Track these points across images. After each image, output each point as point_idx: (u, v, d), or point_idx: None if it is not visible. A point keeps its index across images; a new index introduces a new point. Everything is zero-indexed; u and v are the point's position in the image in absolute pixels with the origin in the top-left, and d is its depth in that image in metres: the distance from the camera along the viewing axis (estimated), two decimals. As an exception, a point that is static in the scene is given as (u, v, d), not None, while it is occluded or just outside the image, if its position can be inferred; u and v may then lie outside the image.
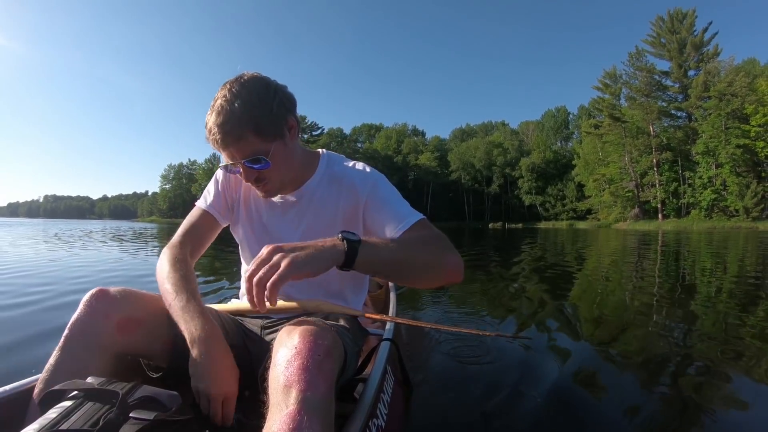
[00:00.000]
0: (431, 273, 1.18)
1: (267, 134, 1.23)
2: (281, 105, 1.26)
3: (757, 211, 44.50)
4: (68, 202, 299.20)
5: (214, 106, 1.19)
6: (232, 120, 1.17)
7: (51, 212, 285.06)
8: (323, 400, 0.91)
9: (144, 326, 1.18)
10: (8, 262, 7.72)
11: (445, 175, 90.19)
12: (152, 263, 8.77)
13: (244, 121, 1.18)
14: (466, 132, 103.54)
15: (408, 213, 1.32)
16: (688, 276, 7.28)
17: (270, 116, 1.22)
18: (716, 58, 54.02)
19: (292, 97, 1.31)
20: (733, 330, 3.52)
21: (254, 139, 1.20)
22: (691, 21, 56.13)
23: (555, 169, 79.79)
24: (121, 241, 15.44)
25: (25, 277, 5.74)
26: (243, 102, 1.17)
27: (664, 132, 57.29)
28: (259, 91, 1.22)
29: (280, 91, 1.27)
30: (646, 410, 2.03)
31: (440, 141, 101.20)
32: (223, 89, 1.21)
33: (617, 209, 60.34)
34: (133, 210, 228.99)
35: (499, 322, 3.85)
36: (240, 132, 1.18)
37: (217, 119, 1.17)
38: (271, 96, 1.23)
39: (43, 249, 11.05)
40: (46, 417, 0.88)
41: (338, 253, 1.03)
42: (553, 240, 20.96)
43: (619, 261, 10.11)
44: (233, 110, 1.17)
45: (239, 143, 1.19)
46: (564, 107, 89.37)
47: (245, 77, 1.23)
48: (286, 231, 1.43)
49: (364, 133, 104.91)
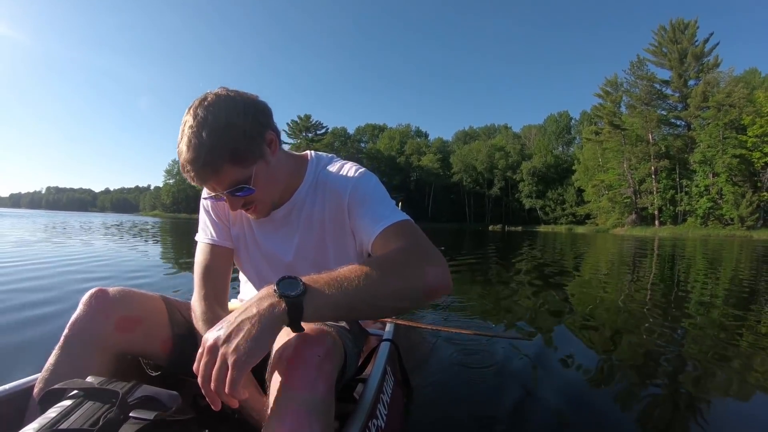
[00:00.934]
0: (407, 299, 0.99)
1: (245, 160, 1.12)
2: (255, 123, 1.14)
3: (751, 220, 45.18)
4: (70, 195, 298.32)
5: (182, 137, 1.08)
6: (203, 154, 1.05)
7: (53, 204, 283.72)
8: (323, 400, 0.90)
9: (143, 326, 1.20)
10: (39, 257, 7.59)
11: (447, 177, 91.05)
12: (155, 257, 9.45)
13: (217, 153, 1.06)
14: (469, 134, 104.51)
15: (388, 214, 1.20)
16: (683, 281, 7.53)
17: (244, 140, 1.11)
18: (716, 68, 54.89)
19: (266, 109, 1.19)
20: (728, 333, 3.63)
21: (232, 169, 1.11)
22: (693, 31, 57.00)
23: (556, 174, 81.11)
24: (144, 237, 15.21)
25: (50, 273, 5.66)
26: (211, 131, 1.05)
27: (663, 140, 58.27)
28: (228, 115, 1.09)
29: (251, 106, 1.14)
30: (645, 410, 2.08)
31: (443, 143, 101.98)
32: (187, 115, 1.09)
33: (615, 215, 61.44)
34: (135, 204, 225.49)
35: (497, 323, 3.89)
36: (215, 166, 1.08)
37: (188, 155, 1.06)
38: (241, 116, 1.11)
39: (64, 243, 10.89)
40: (45, 416, 0.88)
41: (279, 316, 0.83)
42: (551, 244, 20.99)
43: (617, 264, 10.52)
44: (202, 143, 1.05)
45: (217, 176, 1.10)
46: (566, 112, 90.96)
47: (209, 99, 1.10)
48: (280, 247, 1.37)
49: (368, 133, 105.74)
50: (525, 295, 5.47)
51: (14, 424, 0.97)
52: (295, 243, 1.35)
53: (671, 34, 58.17)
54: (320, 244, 1.32)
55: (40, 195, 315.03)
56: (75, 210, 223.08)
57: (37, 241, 11.40)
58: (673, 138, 58.11)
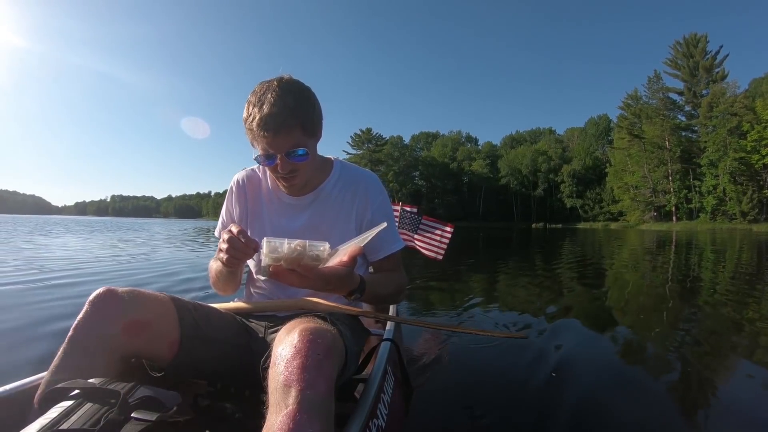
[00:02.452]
0: (390, 302, 1.74)
1: (310, 131, 1.32)
2: (320, 109, 1.38)
3: (752, 214, 52.54)
4: (134, 202, 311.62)
5: (263, 99, 1.25)
6: (285, 112, 1.24)
7: (119, 211, 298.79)
8: (323, 399, 0.90)
9: (151, 328, 1.18)
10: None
11: (496, 180, 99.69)
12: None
13: (296, 115, 1.26)
14: (516, 139, 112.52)
15: (398, 238, 1.60)
16: (693, 272, 8.32)
17: (314, 115, 1.34)
18: (723, 80, 61.07)
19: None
20: (731, 322, 3.90)
21: (300, 133, 1.29)
22: (703, 46, 64.07)
23: (594, 175, 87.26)
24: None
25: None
26: (295, 98, 1.27)
27: (677, 146, 64.59)
28: (306, 92, 1.34)
29: (316, 97, 1.37)
30: (644, 410, 2.07)
31: (492, 147, 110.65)
32: (269, 85, 1.29)
33: (638, 212, 68.98)
34: (197, 209, 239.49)
35: (498, 322, 3.91)
36: (292, 123, 1.26)
37: (271, 110, 1.23)
38: (313, 97, 1.36)
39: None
40: (46, 416, 0.88)
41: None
42: (579, 240, 22.09)
43: (640, 254, 11.59)
44: (287, 104, 1.24)
45: (289, 134, 1.26)
46: (606, 115, 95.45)
47: (290, 78, 1.33)
48: (301, 229, 1.50)
49: (422, 140, 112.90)
50: (529, 291, 5.62)
51: (16, 424, 0.95)
52: (315, 224, 1.51)
53: (685, 49, 65.35)
54: (332, 232, 1.48)
55: (106, 203, 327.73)
56: (140, 217, 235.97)
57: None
58: (687, 143, 64.36)
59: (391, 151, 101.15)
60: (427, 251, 5.11)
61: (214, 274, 1.50)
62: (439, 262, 5.31)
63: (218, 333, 1.35)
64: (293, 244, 1.06)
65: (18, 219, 62.76)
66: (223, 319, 1.41)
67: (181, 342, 1.22)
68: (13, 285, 5.21)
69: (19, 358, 2.66)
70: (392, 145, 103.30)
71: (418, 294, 5.23)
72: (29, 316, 3.68)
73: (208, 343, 1.30)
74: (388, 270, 1.59)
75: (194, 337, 1.26)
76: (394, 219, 1.61)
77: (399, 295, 1.60)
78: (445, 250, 5.09)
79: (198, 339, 1.27)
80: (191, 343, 1.24)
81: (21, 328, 3.29)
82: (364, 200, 1.52)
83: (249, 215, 1.58)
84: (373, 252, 1.55)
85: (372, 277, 1.46)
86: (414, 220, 5.16)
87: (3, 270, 6.66)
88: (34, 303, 4.21)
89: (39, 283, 5.35)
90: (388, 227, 1.42)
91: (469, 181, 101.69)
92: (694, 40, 65.02)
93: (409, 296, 4.94)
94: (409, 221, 5.17)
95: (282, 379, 0.91)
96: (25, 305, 4.11)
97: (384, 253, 1.55)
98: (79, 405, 0.94)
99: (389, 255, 1.57)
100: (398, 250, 1.58)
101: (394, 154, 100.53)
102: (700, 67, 63.83)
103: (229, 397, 1.33)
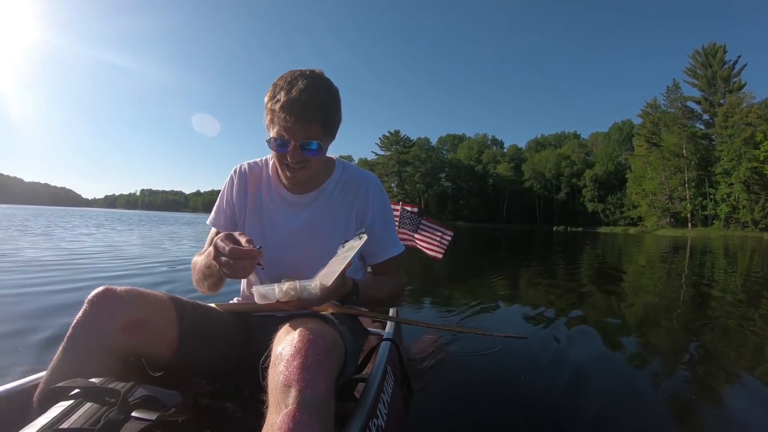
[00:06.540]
0: (387, 305, 1.81)
1: (328, 130, 1.36)
2: (341, 113, 1.40)
3: (764, 223, 53.91)
4: (163, 196, 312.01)
5: (294, 84, 1.27)
6: (313, 103, 1.26)
7: (148, 205, 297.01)
8: (323, 399, 0.91)
9: (150, 327, 1.19)
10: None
11: (520, 183, 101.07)
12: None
13: (323, 109, 1.30)
14: (540, 143, 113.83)
15: (397, 241, 1.61)
16: (706, 279, 8.50)
17: (336, 116, 1.37)
18: (740, 90, 62.70)
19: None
20: (737, 328, 3.96)
21: (319, 128, 1.32)
22: (721, 56, 65.58)
23: (616, 180, 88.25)
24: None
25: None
26: (325, 94, 1.31)
27: (694, 155, 65.70)
28: (335, 92, 1.37)
29: (341, 100, 1.40)
30: (644, 411, 2.12)
31: (517, 150, 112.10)
32: (301, 73, 1.31)
33: (654, 218, 70.45)
34: None
35: (498, 322, 3.99)
36: (315, 116, 1.28)
37: (300, 96, 1.25)
38: (339, 100, 1.39)
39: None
40: (47, 415, 0.89)
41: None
42: (598, 243, 22.39)
43: (656, 261, 11.75)
44: (316, 96, 1.27)
45: (310, 125, 1.29)
46: (630, 120, 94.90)
47: (322, 73, 1.36)
48: (301, 228, 1.51)
49: (448, 143, 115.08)
50: (528, 294, 5.73)
51: (16, 423, 0.96)
52: (315, 224, 1.52)
53: (704, 59, 66.85)
54: (331, 234, 1.49)
55: (136, 197, 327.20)
56: (169, 210, 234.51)
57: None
58: (703, 151, 65.58)
59: (419, 152, 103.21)
60: (427, 249, 5.18)
61: (199, 273, 1.42)
62: (443, 263, 5.68)
63: (217, 332, 1.37)
64: (284, 287, 1.05)
65: (48, 211, 64.27)
66: (223, 319, 1.43)
67: (180, 341, 1.23)
68: (12, 286, 5.13)
69: (19, 358, 2.62)
70: (419, 147, 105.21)
71: (417, 294, 5.38)
72: (29, 315, 3.65)
73: (208, 342, 1.32)
74: (387, 273, 1.62)
75: (193, 336, 1.28)
76: (394, 222, 1.66)
77: (396, 300, 1.66)
78: (445, 250, 5.18)
79: (197, 338, 1.29)
80: (190, 342, 1.25)
81: (21, 328, 3.24)
82: (364, 202, 1.55)
83: (247, 208, 1.58)
84: (372, 255, 1.60)
85: (367, 281, 1.51)
86: (414, 221, 5.20)
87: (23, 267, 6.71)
88: (34, 303, 4.18)
89: (38, 282, 5.35)
90: (387, 231, 1.59)
91: (494, 183, 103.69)
92: (713, 49, 66.70)
93: (409, 296, 5.04)
94: (409, 221, 5.20)
95: (282, 379, 0.92)
96: (26, 305, 4.08)
97: (383, 257, 1.59)
98: (79, 404, 0.96)
99: (388, 259, 1.60)
100: (397, 254, 1.62)
101: (421, 156, 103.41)
102: (718, 77, 65.55)
103: (229, 396, 1.36)
